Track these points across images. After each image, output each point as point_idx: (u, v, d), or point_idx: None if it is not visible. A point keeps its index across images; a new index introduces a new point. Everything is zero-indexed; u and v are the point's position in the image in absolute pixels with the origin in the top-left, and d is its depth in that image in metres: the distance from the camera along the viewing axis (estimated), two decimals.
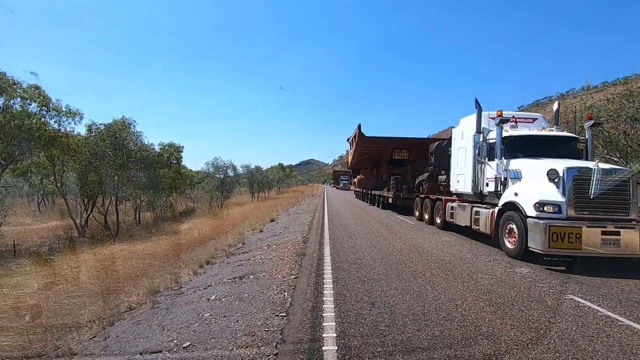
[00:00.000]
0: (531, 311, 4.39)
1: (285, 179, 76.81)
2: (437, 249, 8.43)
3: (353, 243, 9.21)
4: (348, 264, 6.91)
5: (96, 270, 8.72)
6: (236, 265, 7.64)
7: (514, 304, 4.64)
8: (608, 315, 4.29)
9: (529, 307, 4.55)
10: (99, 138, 17.98)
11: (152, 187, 22.64)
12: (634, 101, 13.33)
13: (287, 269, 6.68)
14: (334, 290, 5.23)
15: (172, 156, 28.76)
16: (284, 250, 8.58)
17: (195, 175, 43.20)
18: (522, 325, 3.96)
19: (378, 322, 4.04)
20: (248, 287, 5.72)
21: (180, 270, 7.91)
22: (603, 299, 4.91)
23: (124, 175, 19.06)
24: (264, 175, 53.43)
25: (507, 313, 4.33)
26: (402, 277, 5.91)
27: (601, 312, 4.39)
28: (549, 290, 5.27)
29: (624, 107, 13.31)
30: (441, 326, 3.92)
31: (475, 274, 6.19)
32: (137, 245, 13.63)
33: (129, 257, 10.70)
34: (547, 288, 5.39)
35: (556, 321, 4.09)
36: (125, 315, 5.40)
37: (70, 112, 16.63)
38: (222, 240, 12.14)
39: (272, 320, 4.16)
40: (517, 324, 3.98)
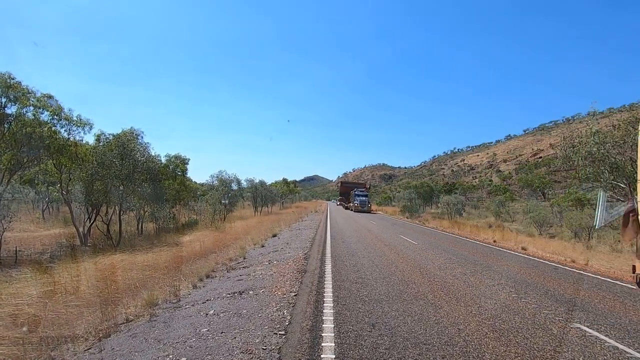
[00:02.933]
0: (536, 339, 4.28)
1: (288, 194, 76.24)
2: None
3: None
4: (349, 282, 6.82)
5: (96, 279, 8.67)
6: (236, 280, 7.57)
7: (519, 331, 4.52)
8: (616, 347, 4.17)
9: (534, 334, 4.43)
10: (107, 148, 18.20)
11: (156, 198, 22.70)
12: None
13: (287, 285, 6.60)
14: (335, 309, 5.14)
15: (178, 168, 28.95)
16: (285, 267, 8.50)
17: (200, 187, 43.34)
18: (526, 353, 3.85)
19: (378, 344, 3.95)
20: (247, 303, 5.64)
21: (179, 283, 7.84)
22: (611, 329, 4.77)
23: (130, 185, 19.17)
24: (268, 189, 53.45)
25: (512, 340, 4.21)
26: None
27: (609, 343, 4.26)
28: (555, 318, 5.14)
29: (630, 134, 13.27)
30: (443, 351, 3.82)
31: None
32: (138, 255, 13.57)
33: (129, 268, 10.64)
34: (552, 315, 5.26)
35: (562, 350, 3.97)
36: (122, 327, 5.33)
37: (80, 122, 16.90)
38: (223, 254, 12.06)
39: (270, 338, 4.08)
40: (521, 352, 3.87)
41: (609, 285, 7.83)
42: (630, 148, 13.32)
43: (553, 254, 12.88)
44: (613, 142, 13.70)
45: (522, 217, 34.75)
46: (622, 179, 13.65)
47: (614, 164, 13.60)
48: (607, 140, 13.74)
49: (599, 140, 13.77)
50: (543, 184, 64.87)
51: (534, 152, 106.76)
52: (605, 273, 9.43)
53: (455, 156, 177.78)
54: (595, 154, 13.76)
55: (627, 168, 13.35)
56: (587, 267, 10.38)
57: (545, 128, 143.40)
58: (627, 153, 13.51)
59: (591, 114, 49.80)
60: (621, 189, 14.01)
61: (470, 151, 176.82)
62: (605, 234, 20.08)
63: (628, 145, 13.34)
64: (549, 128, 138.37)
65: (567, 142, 15.66)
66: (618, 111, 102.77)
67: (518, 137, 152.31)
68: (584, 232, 19.82)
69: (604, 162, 13.80)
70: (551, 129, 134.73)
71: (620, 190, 14.15)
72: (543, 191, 65.22)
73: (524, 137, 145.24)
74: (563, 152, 15.49)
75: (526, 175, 77.47)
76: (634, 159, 13.26)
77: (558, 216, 28.58)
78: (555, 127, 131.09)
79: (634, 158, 13.27)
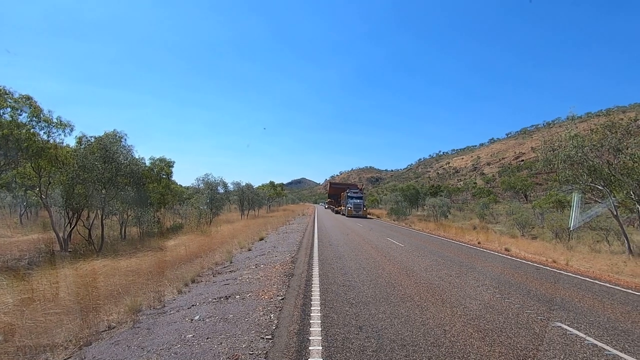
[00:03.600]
0: (519, 338, 4.37)
1: (276, 197, 75.77)
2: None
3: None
4: (337, 285, 6.82)
5: (76, 286, 8.41)
6: (222, 285, 7.47)
7: (502, 331, 4.61)
8: (595, 344, 4.29)
9: (517, 334, 4.52)
10: (88, 151, 17.74)
11: (140, 202, 22.23)
12: (616, 132, 13.82)
13: (274, 289, 6.55)
14: (322, 312, 5.13)
15: (163, 171, 28.47)
16: (272, 270, 8.44)
17: (185, 191, 42.71)
18: (510, 352, 3.93)
19: (365, 346, 3.96)
20: (233, 307, 5.58)
21: (164, 289, 7.69)
22: (590, 327, 4.91)
23: (112, 189, 18.73)
24: (255, 193, 53.07)
25: (496, 340, 4.29)
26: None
27: (588, 341, 4.38)
28: (537, 317, 5.26)
29: (607, 138, 13.77)
30: (429, 352, 3.86)
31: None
32: (121, 261, 13.25)
33: (111, 274, 10.37)
34: (534, 315, 5.38)
35: (544, 349, 4.06)
36: (103, 335, 5.18)
37: (61, 124, 16.44)
38: (209, 258, 11.89)
39: (257, 343, 4.04)
40: (505, 351, 3.95)
41: (588, 284, 8.06)
42: (607, 151, 13.81)
43: (535, 254, 13.18)
44: (591, 145, 14.17)
45: (505, 218, 35.48)
46: (599, 181, 14.12)
47: (592, 167, 14.06)
48: (585, 144, 14.20)
49: (578, 143, 14.23)
50: (525, 186, 66.51)
51: (517, 155, 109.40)
52: (585, 273, 9.70)
53: (440, 159, 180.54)
54: (574, 157, 14.22)
55: (604, 171, 13.82)
56: (567, 267, 10.66)
57: (527, 132, 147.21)
58: (604, 156, 13.99)
59: (570, 118, 51.42)
60: (599, 191, 14.49)
61: (455, 154, 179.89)
62: (585, 235, 20.69)
63: (605, 149, 13.82)
64: (531, 132, 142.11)
65: (547, 145, 16.13)
66: (595, 115, 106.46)
67: (501, 141, 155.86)
68: (564, 233, 20.37)
69: (582, 165, 14.26)
70: (533, 132, 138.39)
71: (598, 192, 14.64)
72: (525, 193, 66.85)
73: (506, 141, 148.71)
74: (544, 156, 15.95)
75: (509, 177, 79.24)
76: (610, 162, 13.74)
77: (539, 218, 29.31)
78: (537, 131, 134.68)
79: (610, 161, 13.76)
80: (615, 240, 17.53)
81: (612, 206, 14.01)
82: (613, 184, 13.90)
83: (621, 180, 13.44)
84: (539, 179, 70.75)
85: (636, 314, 5.69)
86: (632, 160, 12.94)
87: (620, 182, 13.57)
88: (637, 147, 13.14)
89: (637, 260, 11.41)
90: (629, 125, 14.59)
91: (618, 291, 7.47)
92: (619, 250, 15.17)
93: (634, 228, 21.43)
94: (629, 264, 10.74)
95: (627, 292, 7.44)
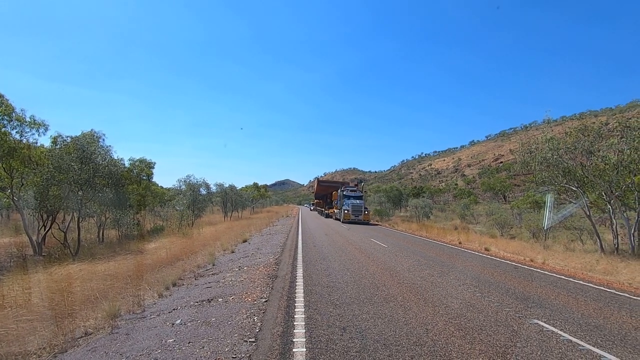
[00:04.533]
0: (498, 336, 4.48)
1: (259, 198, 75.16)
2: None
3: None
4: (321, 287, 6.82)
5: (50, 291, 8.10)
6: (205, 288, 7.35)
7: (482, 329, 4.71)
8: (570, 340, 4.44)
9: (496, 331, 4.63)
10: (64, 151, 17.15)
11: (119, 204, 21.63)
12: (588, 135, 14.40)
13: (258, 291, 6.50)
14: (306, 314, 5.12)
15: (143, 172, 27.82)
16: (256, 272, 8.37)
17: (166, 192, 41.84)
18: (489, 350, 4.02)
19: (349, 347, 3.98)
20: (216, 310, 5.49)
21: (144, 293, 7.50)
22: (565, 323, 5.09)
23: (90, 190, 18.15)
24: (238, 194, 52.52)
25: (476, 338, 4.38)
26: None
27: (563, 337, 4.54)
28: (515, 315, 5.41)
29: (580, 141, 14.33)
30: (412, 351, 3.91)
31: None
32: (98, 265, 12.84)
33: (88, 278, 10.04)
34: (513, 312, 5.53)
35: (522, 346, 4.18)
36: (80, 342, 5.01)
37: (34, 123, 15.84)
38: (191, 261, 11.68)
39: (240, 347, 3.99)
40: (485, 349, 4.04)
41: (563, 282, 8.35)
42: (581, 154, 14.37)
43: (513, 253, 13.56)
44: (565, 148, 14.71)
45: (485, 219, 36.36)
46: (573, 182, 14.67)
47: (567, 169, 14.60)
48: (560, 147, 14.73)
49: (553, 146, 14.75)
50: (504, 187, 68.42)
51: (496, 157, 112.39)
52: (560, 271, 10.05)
53: (422, 161, 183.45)
54: (550, 159, 14.72)
55: (577, 172, 14.37)
56: (544, 265, 11.02)
57: (505, 134, 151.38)
58: (578, 158, 14.54)
59: (546, 122, 52.96)
60: (573, 192, 15.05)
61: (437, 156, 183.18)
62: (560, 234, 21.43)
63: (578, 151, 14.37)
64: (509, 134, 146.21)
65: (524, 148, 16.64)
66: (570, 119, 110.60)
67: (481, 143, 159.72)
68: (541, 232, 21.05)
69: (558, 167, 14.78)
70: (511, 135, 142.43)
71: (572, 193, 15.20)
72: (504, 194, 68.74)
73: (486, 143, 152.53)
74: (521, 158, 16.46)
75: (488, 179, 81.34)
76: (583, 163, 14.30)
77: (518, 218, 30.19)
78: (514, 134, 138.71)
79: (583, 163, 14.32)
80: (589, 239, 18.24)
81: (585, 206, 14.58)
82: (586, 185, 14.47)
83: (593, 182, 14.00)
84: (517, 181, 72.87)
85: (607, 310, 5.93)
86: (604, 162, 13.51)
87: (593, 183, 14.14)
88: (608, 150, 13.72)
89: (608, 259, 11.90)
90: (600, 129, 15.24)
91: (591, 288, 7.77)
92: (592, 249, 15.78)
93: (606, 227, 22.33)
94: (601, 262, 11.19)
95: (600, 289, 7.75)
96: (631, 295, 7.21)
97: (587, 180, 14.18)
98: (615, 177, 13.29)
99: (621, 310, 5.99)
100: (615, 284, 8.51)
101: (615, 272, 9.86)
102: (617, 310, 5.94)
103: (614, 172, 13.17)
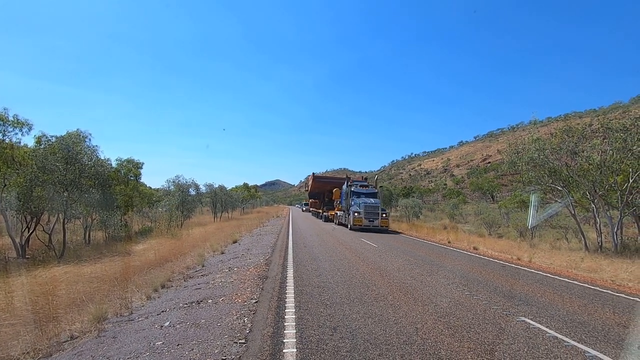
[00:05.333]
0: (487, 333, 4.54)
1: (249, 199, 74.68)
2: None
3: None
4: (311, 287, 6.82)
5: (34, 295, 7.91)
6: (194, 289, 7.27)
7: (471, 327, 4.77)
8: (555, 336, 4.53)
9: (484, 329, 4.70)
10: (49, 151, 16.77)
11: (106, 204, 21.24)
12: (573, 136, 14.73)
13: (248, 292, 6.46)
14: (296, 314, 5.11)
15: (131, 172, 27.40)
16: (246, 273, 8.32)
17: (155, 193, 41.27)
18: (478, 347, 4.08)
19: (339, 347, 3.98)
20: (206, 312, 5.44)
21: (132, 295, 7.38)
22: (551, 320, 5.19)
23: (75, 191, 17.78)
24: (228, 195, 52.10)
25: (465, 336, 4.44)
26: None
27: (549, 334, 4.63)
28: (503, 313, 5.49)
29: (565, 141, 14.65)
30: (402, 350, 3.94)
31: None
32: (84, 267, 12.60)
33: (74, 281, 9.84)
34: (500, 310, 5.62)
35: (509, 343, 4.25)
36: (65, 346, 4.90)
37: (17, 122, 15.46)
38: (180, 263, 11.54)
39: (230, 348, 3.96)
40: (473, 347, 4.09)
41: (549, 280, 8.52)
42: (566, 154, 14.69)
43: (501, 252, 13.78)
44: (551, 148, 15.02)
45: (473, 218, 36.87)
46: (559, 182, 14.98)
47: (552, 169, 14.90)
48: (546, 147, 15.03)
49: (539, 147, 15.04)
50: (492, 187, 69.49)
51: (484, 158, 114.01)
52: (546, 269, 10.25)
53: (412, 161, 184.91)
54: (536, 160, 15.01)
55: (562, 172, 14.68)
56: (530, 264, 11.22)
57: (493, 135, 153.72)
58: (563, 159, 14.87)
59: (533, 123, 53.84)
60: (558, 191, 15.37)
61: (426, 156, 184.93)
62: (546, 233, 21.88)
63: (563, 152, 14.69)
64: (497, 135, 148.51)
65: (512, 148, 16.94)
66: (555, 120, 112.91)
67: (470, 143, 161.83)
68: (527, 231, 21.45)
69: (544, 167, 15.08)
70: (499, 136, 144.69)
71: (558, 193, 15.53)
72: (492, 194, 69.81)
73: (475, 143, 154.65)
74: (509, 158, 16.74)
75: (477, 179, 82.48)
76: (568, 164, 14.62)
77: (505, 217, 30.68)
78: (502, 134, 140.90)
79: (568, 163, 14.64)
80: (574, 237, 18.66)
81: (570, 205, 14.90)
82: (571, 184, 14.80)
83: (578, 181, 14.32)
84: (504, 180, 74.06)
85: (592, 307, 6.08)
86: (587, 162, 13.83)
87: (577, 183, 14.47)
88: (591, 151, 14.06)
89: (592, 257, 12.19)
90: (584, 130, 15.60)
91: (576, 285, 7.95)
92: (577, 247, 16.15)
93: (590, 226, 22.87)
94: (586, 260, 11.45)
95: (584, 286, 7.93)
96: (614, 293, 7.40)
97: (572, 180, 14.50)
98: (598, 177, 13.62)
99: (604, 307, 6.13)
100: (599, 281, 8.72)
101: (599, 269, 10.10)
102: (600, 307, 6.08)
103: (598, 172, 13.50)
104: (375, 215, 21.60)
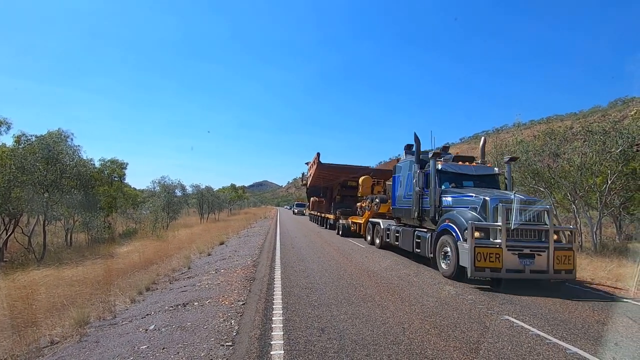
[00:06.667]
0: (472, 332, 4.61)
1: (237, 200, 74.02)
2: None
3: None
4: (299, 288, 6.80)
5: (12, 299, 7.65)
6: (180, 292, 7.17)
7: (457, 326, 4.84)
8: (538, 334, 4.64)
9: (470, 328, 4.77)
10: (28, 150, 16.29)
11: (88, 206, 20.76)
12: (555, 139, 15.14)
13: (235, 294, 6.40)
14: (284, 316, 5.09)
15: (114, 173, 26.88)
16: (233, 275, 8.24)
17: (140, 194, 40.52)
18: (463, 346, 4.13)
19: (327, 348, 3.98)
20: (192, 315, 5.37)
21: (115, 298, 7.23)
22: (533, 319, 5.31)
23: (56, 192, 17.32)
24: (215, 196, 51.58)
25: (450, 335, 4.50)
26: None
27: (532, 332, 4.73)
28: (487, 312, 5.59)
29: (547, 144, 15.05)
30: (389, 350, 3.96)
31: (421, 296, 6.40)
32: (65, 270, 12.26)
33: (54, 284, 9.57)
34: (485, 309, 5.72)
35: (493, 341, 4.32)
36: (45, 351, 4.76)
37: None
38: (166, 265, 11.37)
39: (217, 351, 3.92)
40: (459, 346, 4.15)
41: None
42: (548, 156, 15.08)
43: None
44: (534, 150, 15.39)
45: None
46: (541, 183, 15.36)
47: (535, 170, 15.27)
48: (529, 149, 15.40)
49: (523, 148, 15.40)
50: None
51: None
52: None
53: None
54: (521, 161, 15.35)
55: (545, 174, 15.06)
56: None
57: (478, 137, 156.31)
58: (545, 160, 15.25)
59: (516, 125, 54.39)
60: (541, 192, 15.76)
61: None
62: None
63: (546, 154, 15.08)
64: (481, 137, 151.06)
65: (496, 150, 17.30)
66: (538, 123, 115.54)
67: (455, 145, 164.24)
68: None
69: (527, 169, 15.44)
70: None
71: (541, 194, 15.92)
72: None
73: (460, 145, 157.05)
74: (493, 160, 17.07)
75: None
76: (550, 165, 15.01)
77: None
78: (487, 136, 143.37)
79: (550, 165, 15.03)
80: None
81: (552, 206, 15.29)
82: (553, 185, 15.19)
83: (559, 183, 14.71)
84: None
85: (572, 305, 6.24)
86: (569, 164, 14.22)
87: (559, 184, 14.86)
88: (572, 153, 14.47)
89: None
90: (565, 132, 16.07)
91: (557, 284, 8.14)
92: None
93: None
94: None
95: (565, 285, 8.13)
96: (593, 291, 7.63)
97: (554, 181, 14.88)
98: (579, 179, 14.01)
99: (584, 305, 6.31)
100: (579, 280, 8.95)
101: (579, 269, 10.34)
102: (580, 305, 6.25)
103: (578, 173, 13.89)
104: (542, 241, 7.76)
